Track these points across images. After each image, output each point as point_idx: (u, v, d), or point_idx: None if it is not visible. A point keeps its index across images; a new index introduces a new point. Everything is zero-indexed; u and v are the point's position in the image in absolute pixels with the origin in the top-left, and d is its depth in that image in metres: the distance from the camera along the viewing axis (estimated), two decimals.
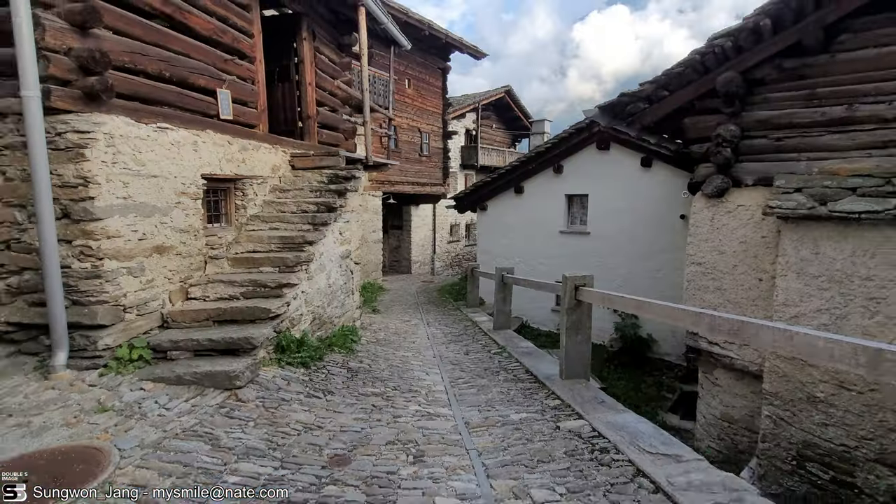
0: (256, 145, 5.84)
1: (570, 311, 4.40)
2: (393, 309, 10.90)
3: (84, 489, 2.24)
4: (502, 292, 7.45)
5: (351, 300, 6.71)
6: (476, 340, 6.96)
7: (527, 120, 26.70)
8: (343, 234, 6.31)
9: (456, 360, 5.75)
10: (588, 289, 4.30)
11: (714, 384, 5.95)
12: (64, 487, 2.22)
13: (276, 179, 6.26)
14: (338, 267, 6.13)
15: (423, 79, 18.18)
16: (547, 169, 11.83)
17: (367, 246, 16.09)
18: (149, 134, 4.18)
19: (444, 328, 8.34)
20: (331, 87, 8.04)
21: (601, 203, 11.24)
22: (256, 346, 3.99)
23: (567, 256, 11.76)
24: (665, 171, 10.32)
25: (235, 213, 5.60)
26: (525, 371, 5.03)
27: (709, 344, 5.75)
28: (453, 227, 22.71)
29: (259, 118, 6.07)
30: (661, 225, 10.47)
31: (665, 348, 10.79)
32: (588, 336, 4.50)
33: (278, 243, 5.24)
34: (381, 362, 5.33)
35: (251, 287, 4.64)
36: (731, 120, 5.46)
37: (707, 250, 5.67)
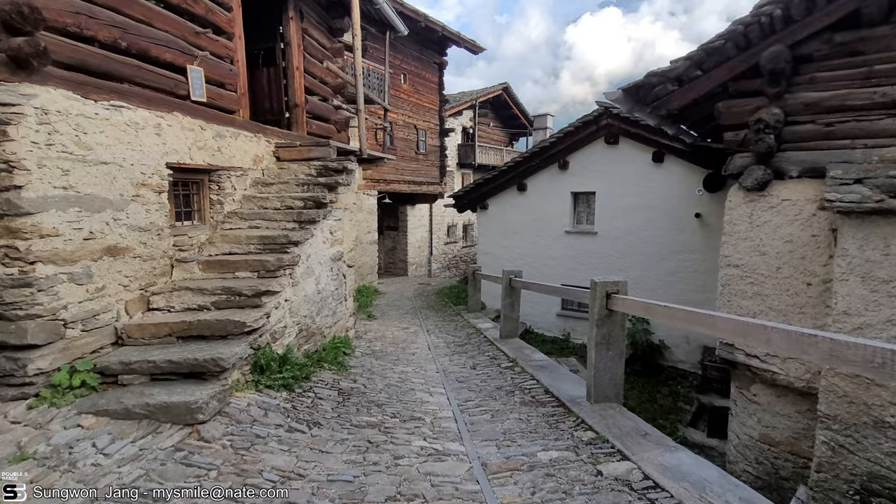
0: (235, 133, 5.14)
1: (601, 323, 3.74)
2: (389, 314, 10.20)
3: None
4: (510, 297, 6.78)
5: (343, 307, 6.02)
6: (482, 351, 6.28)
7: (524, 118, 26.09)
8: (334, 233, 5.62)
9: (462, 377, 5.07)
10: (623, 297, 3.64)
11: (751, 401, 5.31)
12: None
13: (259, 172, 5.56)
14: (328, 270, 5.44)
15: (419, 74, 17.52)
16: (551, 165, 11.19)
17: (362, 247, 15.39)
18: (98, 112, 3.48)
19: (445, 336, 7.66)
20: (321, 73, 7.35)
21: (610, 201, 10.61)
22: (227, 369, 3.29)
23: (573, 258, 11.14)
24: (678, 166, 9.72)
25: (210, 209, 4.90)
26: (544, 391, 4.36)
27: (746, 356, 5.11)
28: (450, 227, 22.04)
29: (239, 103, 5.37)
30: (676, 224, 9.85)
31: (678, 355, 10.18)
32: (622, 351, 3.84)
33: (258, 244, 4.54)
34: (378, 381, 4.63)
35: (225, 295, 3.94)
36: (772, 103, 4.83)
37: (745, 251, 5.03)
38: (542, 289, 5.98)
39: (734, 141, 5.20)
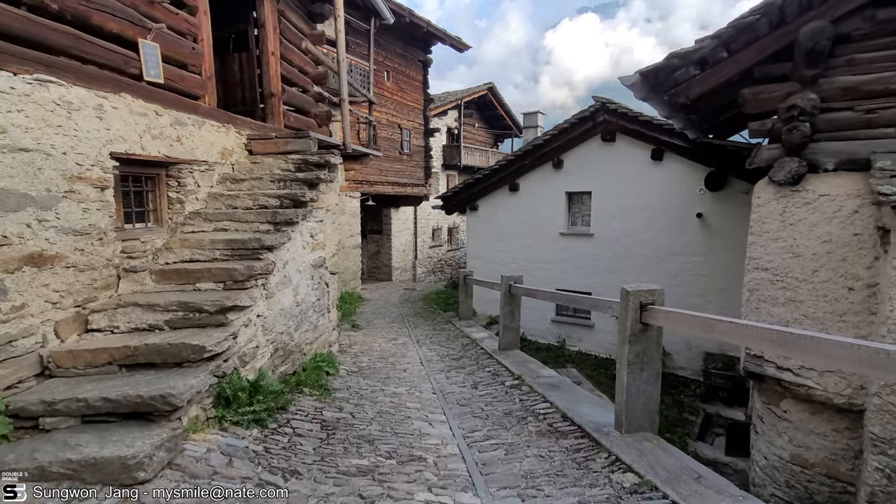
0: (199, 121, 4.45)
1: (634, 340, 3.18)
2: (375, 323, 9.52)
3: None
4: (509, 305, 6.19)
5: (326, 320, 5.35)
6: (482, 366, 5.67)
7: (510, 119, 25.69)
8: (315, 236, 4.95)
9: (464, 399, 4.46)
10: (661, 308, 3.08)
11: (780, 418, 4.82)
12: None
13: (228, 167, 4.87)
14: (308, 279, 4.77)
15: (403, 72, 16.92)
16: (545, 164, 10.68)
17: (345, 252, 14.68)
18: (14, 87, 2.77)
19: (438, 348, 7.03)
20: (300, 61, 6.68)
21: (606, 201, 10.14)
22: (179, 407, 2.61)
23: (568, 261, 10.64)
24: (678, 164, 9.30)
25: (168, 209, 4.19)
26: (562, 417, 3.77)
27: (777, 369, 4.61)
28: (435, 230, 21.44)
29: (204, 87, 4.68)
30: (676, 225, 9.43)
31: (679, 362, 9.74)
32: (657, 372, 3.28)
33: (226, 249, 3.85)
34: (368, 407, 3.98)
35: (182, 312, 3.25)
36: (805, 88, 4.36)
37: (776, 252, 4.54)
38: (549, 296, 5.39)
39: (760, 131, 4.73)
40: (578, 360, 10.26)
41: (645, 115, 9.25)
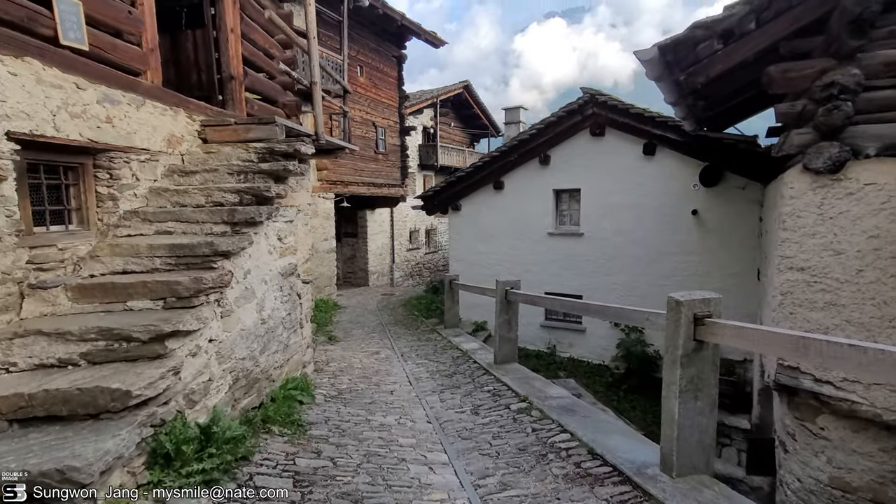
0: (137, 101, 3.63)
1: (686, 362, 2.56)
2: (354, 334, 8.74)
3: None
4: (506, 314, 5.55)
5: (298, 337, 4.57)
6: (479, 384, 5.00)
7: (486, 118, 25.21)
8: (284, 239, 4.19)
9: (466, 430, 3.77)
10: (723, 322, 2.48)
11: (817, 436, 4.32)
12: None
13: (176, 157, 4.06)
14: (276, 290, 4.00)
15: (377, 67, 16.16)
16: (531, 160, 10.12)
17: (319, 256, 13.79)
18: None
19: (426, 363, 6.32)
20: (265, 43, 5.89)
21: (596, 199, 9.64)
22: (87, 485, 1.84)
23: (557, 262, 10.09)
24: (671, 159, 8.88)
25: (98, 207, 3.37)
26: (589, 453, 3.14)
27: (815, 382, 4.11)
28: (413, 233, 20.71)
29: (145, 62, 3.86)
30: (669, 223, 9.00)
31: None
32: (714, 400, 2.68)
33: (169, 257, 3.06)
34: (352, 448, 3.25)
35: (104, 342, 2.46)
36: (843, 64, 3.88)
37: (814, 250, 4.04)
38: (558, 305, 4.74)
39: (790, 114, 4.23)
40: (571, 367, 9.72)
41: (636, 108, 8.79)
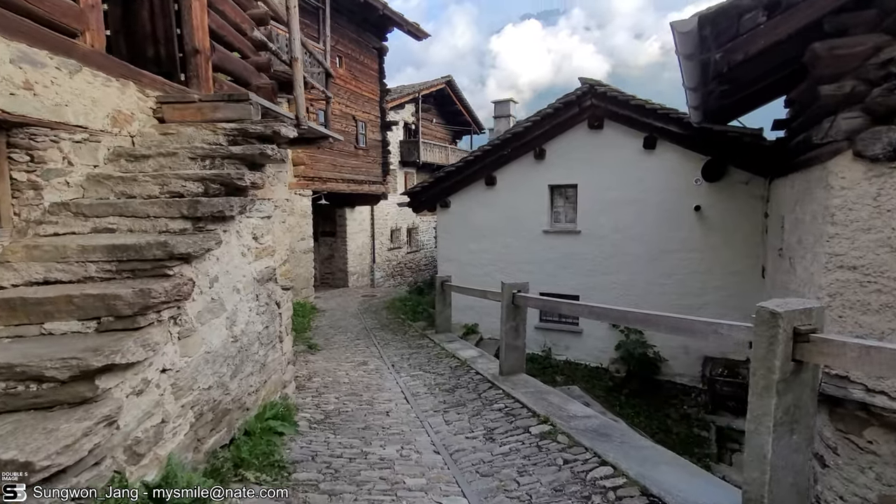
0: (71, 66, 2.90)
1: (784, 388, 2.01)
2: (336, 341, 8.04)
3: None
4: (513, 320, 4.97)
5: (277, 353, 3.89)
6: (487, 400, 4.41)
7: (468, 115, 24.65)
8: (261, 238, 3.50)
9: (483, 462, 3.16)
10: (837, 339, 1.94)
11: (864, 450, 3.88)
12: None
13: (124, 138, 3.32)
14: (252, 300, 3.31)
15: (357, 59, 15.42)
16: (525, 154, 9.58)
17: (296, 257, 12.98)
18: None
19: (422, 374, 5.68)
20: (236, 16, 5.15)
21: (594, 195, 9.16)
22: None
23: (553, 262, 9.58)
24: (673, 153, 8.46)
25: (14, 198, 2.63)
26: (641, 493, 2.56)
27: (867, 392, 3.66)
28: (394, 231, 20.00)
29: (83, 20, 3.11)
30: (670, 219, 8.58)
31: (676, 368, 8.89)
32: (811, 434, 2.14)
33: (108, 261, 2.36)
34: (348, 496, 2.60)
35: (1, 384, 1.76)
36: None
37: (868, 246, 3.60)
38: (593, 312, 4.08)
39: (835, 95, 3.76)
40: (568, 370, 9.22)
41: (637, 99, 8.34)
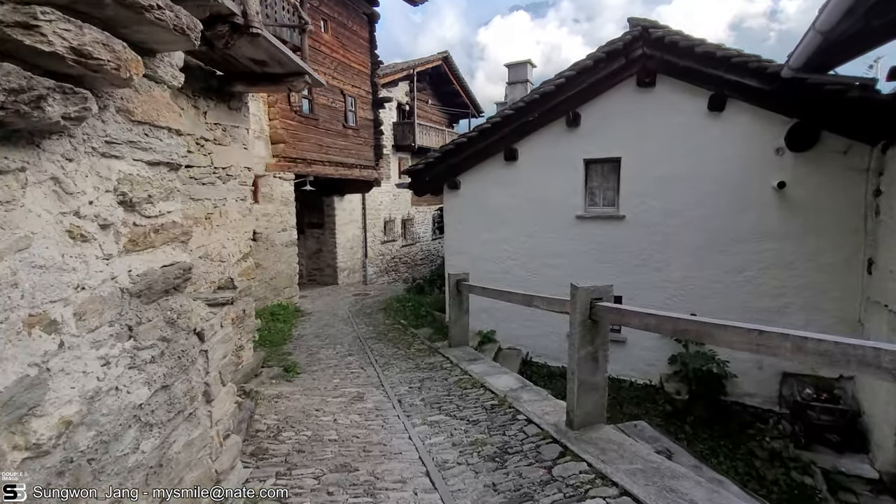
0: None
1: None
2: (321, 359, 6.19)
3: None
4: (591, 343, 3.18)
5: (197, 428, 2.06)
6: (568, 489, 2.61)
7: (466, 96, 22.77)
8: (142, 206, 1.65)
9: None
10: None
11: None
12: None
13: None
14: (111, 339, 1.47)
15: (345, 24, 13.48)
16: (555, 121, 7.74)
17: (276, 251, 11.09)
18: None
19: (446, 420, 3.86)
20: None
21: (641, 171, 7.37)
22: None
23: (588, 254, 7.80)
24: (746, 115, 6.69)
25: None
26: None
27: None
28: (388, 223, 18.15)
29: None
30: (741, 200, 6.83)
31: (746, 387, 7.16)
32: None
33: None
34: None
35: None
36: None
37: None
38: (733, 336, 2.27)
39: None
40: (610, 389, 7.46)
41: (706, 44, 6.55)
